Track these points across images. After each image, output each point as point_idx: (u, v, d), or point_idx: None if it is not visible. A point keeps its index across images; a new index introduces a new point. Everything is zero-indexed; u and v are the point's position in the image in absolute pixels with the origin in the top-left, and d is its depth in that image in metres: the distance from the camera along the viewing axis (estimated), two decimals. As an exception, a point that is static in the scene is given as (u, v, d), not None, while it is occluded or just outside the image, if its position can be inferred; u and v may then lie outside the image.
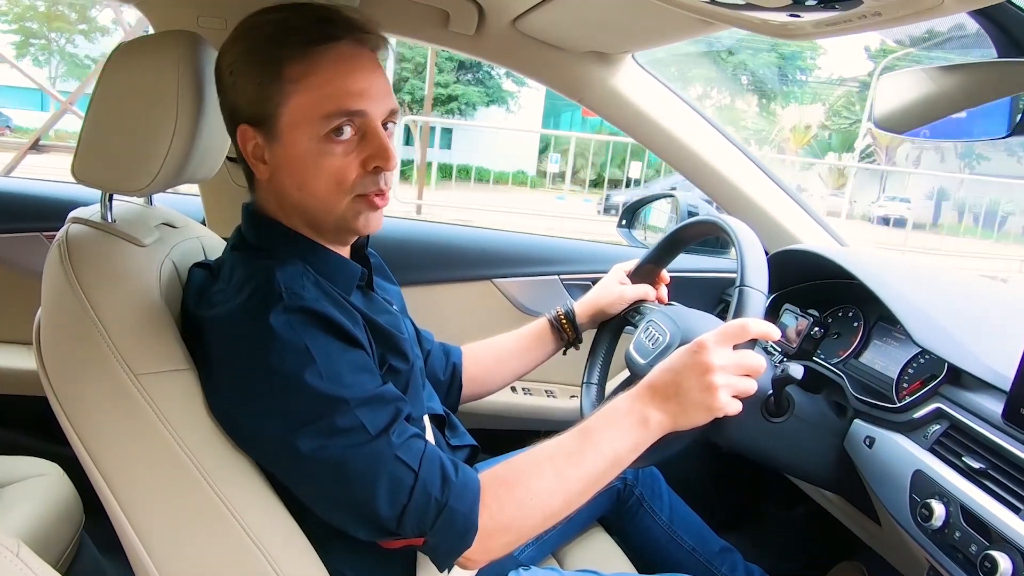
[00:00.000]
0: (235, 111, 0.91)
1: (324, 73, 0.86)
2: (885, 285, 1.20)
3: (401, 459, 0.83)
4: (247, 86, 0.88)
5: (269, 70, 0.86)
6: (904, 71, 1.10)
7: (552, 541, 1.32)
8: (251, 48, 0.88)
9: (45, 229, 1.68)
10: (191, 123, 0.92)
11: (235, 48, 0.89)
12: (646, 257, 1.34)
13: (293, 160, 0.88)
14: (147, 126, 0.90)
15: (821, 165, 13.76)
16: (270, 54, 0.86)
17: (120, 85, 0.92)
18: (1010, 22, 0.96)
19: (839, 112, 20.14)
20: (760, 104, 21.93)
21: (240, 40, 0.89)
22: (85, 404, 0.87)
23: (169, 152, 0.91)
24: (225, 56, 0.90)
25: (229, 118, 0.92)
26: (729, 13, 0.92)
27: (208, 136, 0.98)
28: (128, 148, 0.91)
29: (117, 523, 0.87)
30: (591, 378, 1.32)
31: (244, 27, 0.90)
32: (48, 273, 0.92)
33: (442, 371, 1.26)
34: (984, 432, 0.93)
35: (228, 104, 0.91)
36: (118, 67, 0.92)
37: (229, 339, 0.86)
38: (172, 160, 0.92)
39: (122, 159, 0.92)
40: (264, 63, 0.86)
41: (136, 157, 0.91)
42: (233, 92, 0.90)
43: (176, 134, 0.91)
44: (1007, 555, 0.80)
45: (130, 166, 0.92)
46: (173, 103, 0.90)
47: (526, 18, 1.34)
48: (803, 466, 1.15)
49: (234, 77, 0.89)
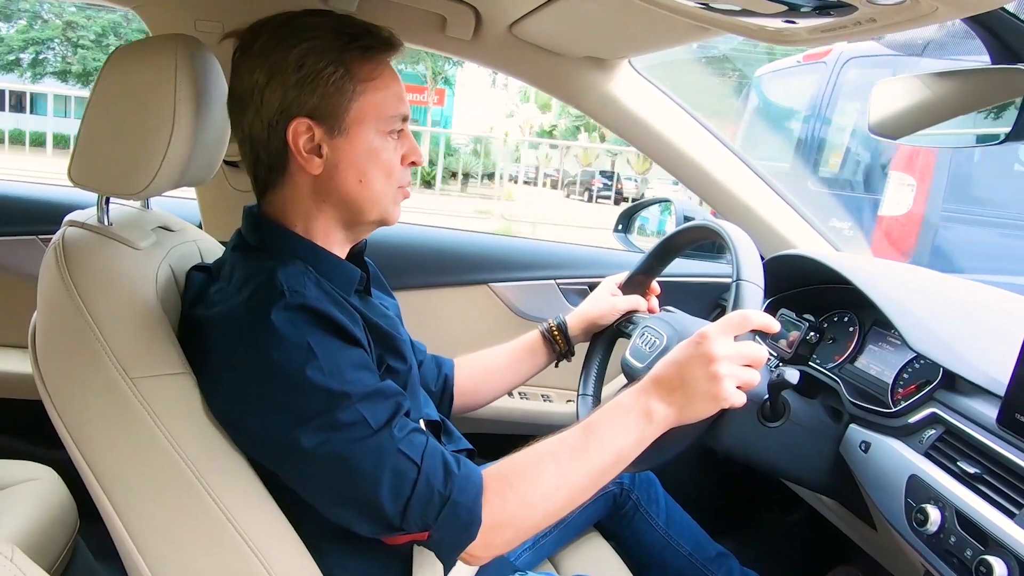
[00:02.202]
0: (290, 106, 0.90)
1: (385, 78, 0.94)
2: (880, 290, 1.21)
3: (404, 452, 0.83)
4: (314, 80, 0.89)
5: (341, 68, 0.90)
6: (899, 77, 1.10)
7: (548, 546, 1.32)
8: (318, 47, 0.90)
9: (41, 232, 1.67)
10: (188, 127, 0.92)
11: (289, 46, 0.89)
12: (637, 268, 1.34)
13: (357, 153, 0.93)
14: (144, 129, 0.90)
15: (629, 152, 13.96)
16: (340, 53, 0.91)
17: (117, 88, 0.92)
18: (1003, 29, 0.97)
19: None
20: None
21: (291, 39, 0.90)
22: (80, 408, 0.87)
23: (166, 156, 0.91)
24: (272, 54, 0.90)
25: (279, 114, 0.91)
26: (725, 19, 0.92)
27: (205, 140, 0.98)
28: (125, 151, 0.91)
29: (112, 527, 0.86)
30: (586, 389, 1.32)
31: (288, 29, 0.91)
32: (44, 276, 0.92)
33: (433, 382, 1.25)
34: (979, 437, 0.93)
35: (278, 100, 0.90)
36: (116, 70, 0.92)
37: (230, 337, 0.86)
38: (169, 164, 0.92)
39: (119, 162, 0.92)
40: (335, 61, 0.90)
41: (133, 160, 0.91)
42: (287, 88, 0.90)
43: (173, 138, 0.91)
44: (1002, 560, 0.80)
45: (127, 169, 0.92)
46: (170, 107, 0.90)
47: (523, 23, 1.34)
48: (799, 471, 1.15)
49: (295, 74, 0.89)
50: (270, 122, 0.91)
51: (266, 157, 0.94)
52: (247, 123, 0.93)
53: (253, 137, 0.93)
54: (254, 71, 0.90)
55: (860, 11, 0.76)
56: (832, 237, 1.68)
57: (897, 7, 0.73)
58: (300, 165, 0.92)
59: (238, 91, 0.93)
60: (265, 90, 0.90)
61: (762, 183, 1.65)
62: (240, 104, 0.93)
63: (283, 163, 0.93)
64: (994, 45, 1.00)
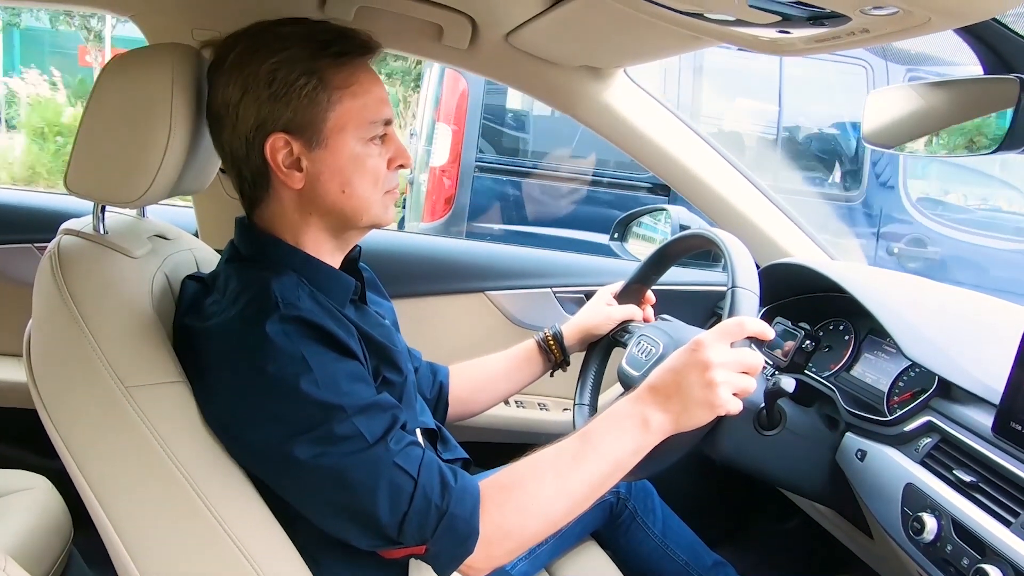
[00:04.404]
0: (265, 121, 0.89)
1: (363, 82, 0.92)
2: (875, 298, 1.21)
3: (400, 466, 0.83)
4: (286, 94, 0.88)
5: (314, 78, 0.88)
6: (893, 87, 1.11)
7: (545, 555, 1.32)
8: (289, 58, 0.88)
9: (37, 240, 1.66)
10: (185, 135, 0.92)
11: (261, 59, 0.88)
12: (632, 277, 1.34)
13: (339, 163, 0.91)
14: (140, 138, 0.90)
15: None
16: (311, 63, 0.89)
17: (114, 96, 0.92)
18: (996, 39, 0.98)
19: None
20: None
21: (262, 51, 0.88)
22: (75, 416, 0.87)
23: (162, 164, 0.91)
24: (244, 67, 0.88)
25: (255, 130, 0.89)
26: (720, 29, 0.93)
27: (202, 148, 0.98)
28: (121, 159, 0.91)
29: (106, 536, 0.86)
30: (582, 399, 1.31)
31: (260, 40, 0.90)
32: (39, 284, 0.92)
33: (428, 390, 1.25)
34: (975, 445, 0.93)
35: (253, 116, 0.89)
36: (112, 78, 0.92)
37: (225, 348, 0.86)
38: (165, 172, 0.91)
39: (115, 170, 0.92)
40: (307, 72, 0.88)
41: (129, 169, 0.91)
42: (260, 103, 0.88)
43: (170, 146, 0.90)
44: (998, 568, 0.80)
45: (123, 178, 0.91)
46: (167, 115, 0.90)
47: (519, 33, 1.35)
48: (795, 479, 1.15)
49: (267, 89, 0.87)
50: (247, 139, 0.90)
51: (248, 173, 0.93)
52: (225, 140, 0.93)
53: (233, 154, 0.93)
54: (228, 86, 0.90)
55: (854, 22, 0.77)
56: (827, 246, 1.68)
57: (890, 18, 0.74)
58: (282, 180, 0.91)
59: (213, 107, 0.92)
60: (239, 106, 0.89)
61: (757, 192, 1.65)
62: (217, 120, 0.93)
63: (265, 179, 0.93)
64: (986, 55, 1.00)
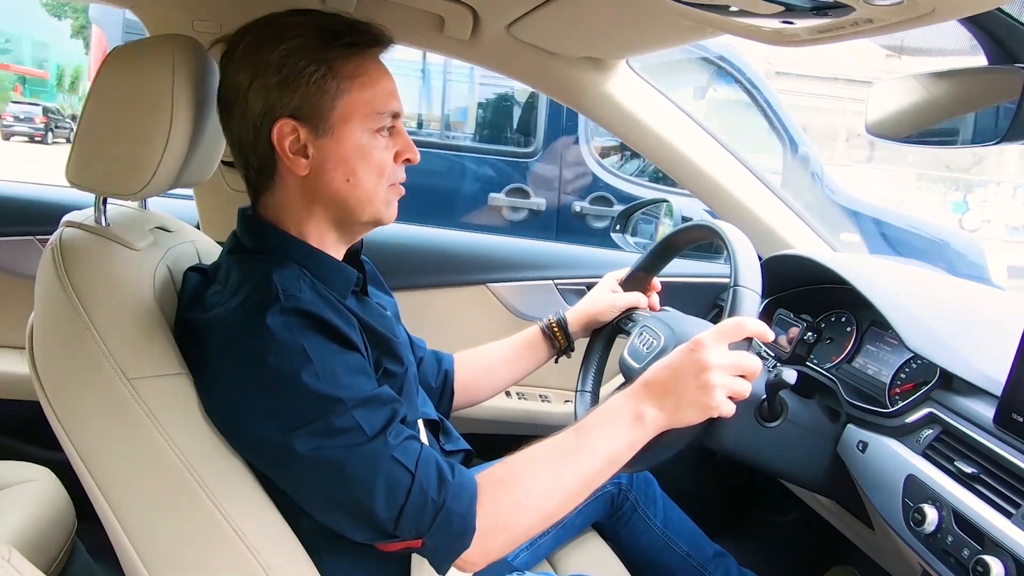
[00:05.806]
0: (273, 107, 0.90)
1: (371, 74, 0.93)
2: (877, 290, 1.21)
3: (398, 460, 0.83)
4: (295, 81, 0.89)
5: (323, 66, 0.89)
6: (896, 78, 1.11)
7: (546, 546, 1.32)
8: (299, 46, 0.89)
9: (39, 233, 1.67)
10: (186, 127, 0.92)
11: (272, 46, 0.89)
12: (638, 264, 1.34)
13: (345, 152, 0.92)
14: (142, 130, 0.90)
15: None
16: (321, 52, 0.89)
17: (115, 88, 0.92)
18: (1000, 29, 0.97)
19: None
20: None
21: (273, 39, 0.89)
22: (78, 408, 0.87)
23: (164, 156, 0.90)
24: (255, 54, 0.89)
25: (263, 115, 0.90)
26: (723, 19, 0.93)
27: (203, 140, 0.97)
28: (123, 152, 0.91)
29: (109, 528, 0.86)
30: (585, 386, 1.32)
31: (272, 29, 0.90)
32: (41, 277, 0.92)
33: (434, 378, 1.25)
34: (976, 437, 0.93)
35: (261, 102, 0.90)
36: (113, 70, 0.92)
37: (226, 340, 0.86)
38: (167, 164, 0.91)
39: (117, 163, 0.92)
40: (317, 60, 0.89)
41: (131, 161, 0.91)
42: (269, 89, 0.89)
43: (171, 138, 0.90)
44: (999, 559, 0.80)
45: (125, 170, 0.91)
46: (168, 107, 0.90)
47: (521, 23, 1.34)
48: (797, 471, 1.15)
49: (276, 75, 0.88)
50: (255, 124, 0.91)
51: (255, 160, 0.94)
52: (234, 126, 0.93)
53: (241, 140, 0.93)
54: (238, 73, 0.91)
55: (857, 11, 0.77)
56: (829, 237, 1.68)
57: (894, 7, 0.73)
58: (288, 167, 0.92)
59: (223, 94, 0.93)
60: (249, 92, 0.90)
61: (760, 183, 1.65)
62: (227, 108, 0.93)
63: (271, 165, 0.93)
64: (991, 45, 1.00)
